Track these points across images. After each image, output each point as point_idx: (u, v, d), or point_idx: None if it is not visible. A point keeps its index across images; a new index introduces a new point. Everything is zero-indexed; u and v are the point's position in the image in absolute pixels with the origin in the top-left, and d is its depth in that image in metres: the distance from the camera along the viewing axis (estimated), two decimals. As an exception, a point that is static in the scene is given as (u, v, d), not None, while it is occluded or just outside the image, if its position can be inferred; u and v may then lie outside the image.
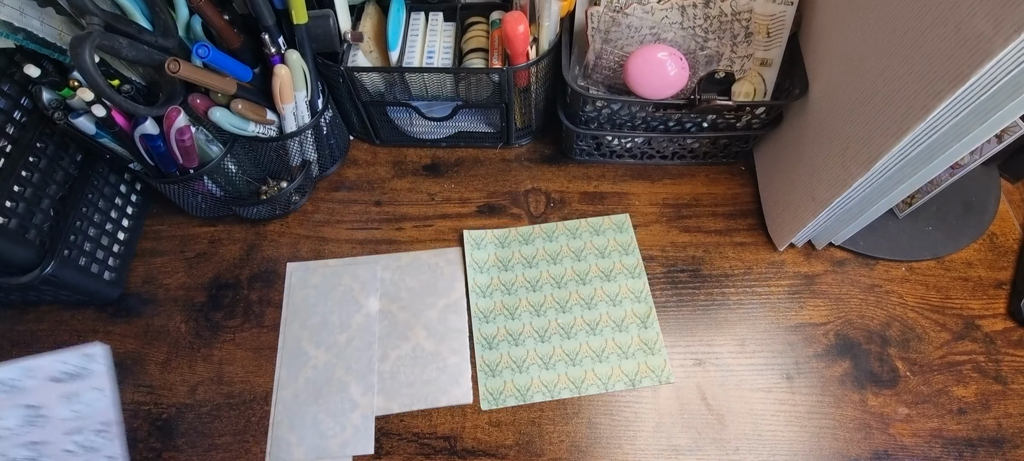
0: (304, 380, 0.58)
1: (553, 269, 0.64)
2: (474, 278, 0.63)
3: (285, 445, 0.55)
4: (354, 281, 0.62)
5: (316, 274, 0.63)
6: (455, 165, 0.72)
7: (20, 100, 0.54)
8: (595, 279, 0.63)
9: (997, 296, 0.62)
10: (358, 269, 0.63)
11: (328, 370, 0.58)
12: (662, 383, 0.57)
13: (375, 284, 0.62)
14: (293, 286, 0.62)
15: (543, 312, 0.61)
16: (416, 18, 0.67)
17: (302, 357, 0.59)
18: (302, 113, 0.61)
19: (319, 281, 0.62)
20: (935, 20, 0.42)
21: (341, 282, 0.62)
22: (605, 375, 0.58)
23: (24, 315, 0.62)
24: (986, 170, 0.68)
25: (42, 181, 0.55)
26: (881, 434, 0.55)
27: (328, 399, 0.57)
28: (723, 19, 0.63)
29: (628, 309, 0.61)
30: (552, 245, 0.65)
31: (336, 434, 0.55)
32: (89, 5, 0.46)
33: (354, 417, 0.56)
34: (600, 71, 0.63)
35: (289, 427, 0.56)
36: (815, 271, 0.64)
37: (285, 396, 0.57)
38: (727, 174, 0.71)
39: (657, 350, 0.59)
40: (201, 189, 0.61)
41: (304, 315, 0.61)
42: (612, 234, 0.66)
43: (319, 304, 0.61)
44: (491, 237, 0.66)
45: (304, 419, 0.56)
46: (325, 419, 0.56)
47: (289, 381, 0.58)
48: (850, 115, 0.52)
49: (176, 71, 0.48)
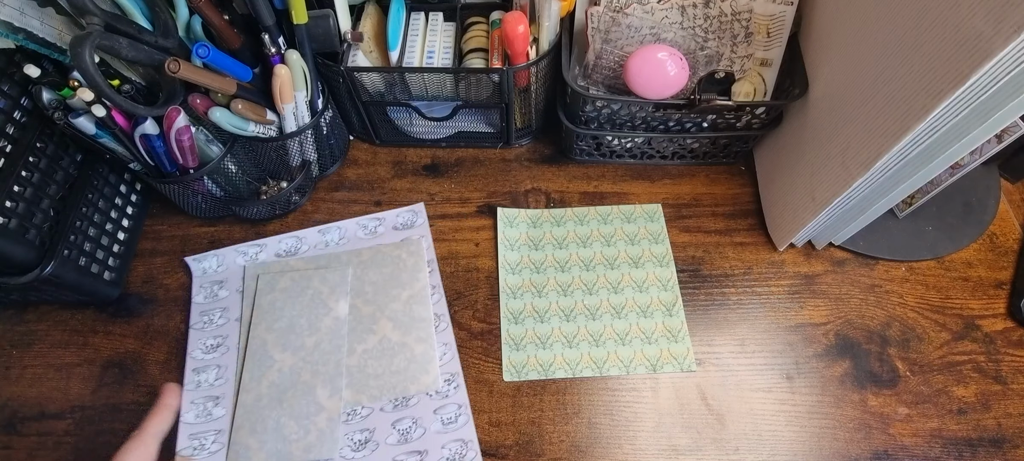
0: (268, 384, 0.57)
1: (583, 252, 0.65)
2: (504, 255, 0.64)
3: (244, 450, 0.54)
4: (323, 284, 0.62)
5: (284, 278, 0.62)
6: (455, 165, 0.72)
7: (20, 100, 0.54)
8: (623, 265, 0.64)
9: (997, 296, 0.62)
10: (327, 273, 0.62)
11: (294, 374, 0.57)
12: (684, 371, 0.58)
13: (345, 288, 0.62)
14: (260, 290, 0.61)
15: (570, 292, 0.62)
16: (416, 18, 0.67)
17: (267, 360, 0.58)
18: (302, 113, 0.61)
19: (287, 285, 0.62)
20: (935, 20, 0.42)
21: (310, 285, 0.62)
22: (627, 358, 0.59)
23: (24, 315, 0.62)
24: (986, 170, 0.68)
25: (42, 181, 0.55)
26: (881, 434, 0.55)
27: (293, 403, 0.56)
28: (723, 19, 0.63)
29: (655, 296, 0.62)
30: (583, 229, 0.67)
31: (299, 438, 0.54)
32: (89, 5, 0.46)
33: (319, 420, 0.55)
34: (600, 71, 0.63)
35: (249, 431, 0.55)
36: (815, 271, 0.64)
37: (247, 400, 0.56)
38: (727, 174, 0.71)
39: (681, 338, 0.60)
40: (201, 189, 0.61)
41: (271, 319, 0.60)
42: (643, 222, 0.67)
43: (287, 308, 0.61)
44: (524, 216, 0.67)
45: (266, 423, 0.55)
46: (288, 423, 0.55)
47: (252, 385, 0.57)
48: (850, 115, 0.52)
49: (176, 71, 0.48)
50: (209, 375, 0.58)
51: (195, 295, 0.62)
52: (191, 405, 0.57)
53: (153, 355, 0.60)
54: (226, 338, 0.60)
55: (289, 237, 0.65)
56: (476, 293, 0.63)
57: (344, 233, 0.66)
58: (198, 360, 0.59)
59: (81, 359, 0.60)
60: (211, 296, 0.62)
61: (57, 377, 0.59)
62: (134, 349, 0.60)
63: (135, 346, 0.60)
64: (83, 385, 0.58)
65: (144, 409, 0.56)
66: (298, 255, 0.64)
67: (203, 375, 0.58)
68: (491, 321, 0.61)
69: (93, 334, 0.61)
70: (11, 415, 0.57)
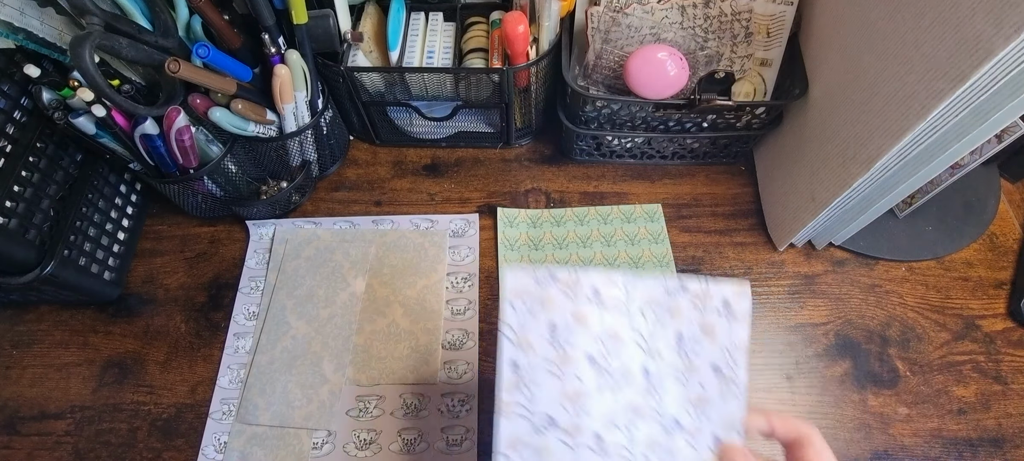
0: (281, 348, 0.58)
1: (583, 252, 0.65)
2: (504, 255, 0.64)
3: (253, 408, 0.55)
4: (345, 258, 0.62)
5: (309, 246, 0.63)
6: (455, 165, 0.72)
7: (20, 100, 0.54)
8: (624, 265, 0.64)
9: (997, 296, 0.62)
10: (351, 247, 0.63)
11: (305, 342, 0.58)
12: None
13: (365, 266, 0.62)
14: (287, 254, 0.62)
15: None
16: (416, 18, 0.67)
17: (284, 326, 0.59)
18: (302, 113, 0.61)
19: (312, 253, 0.63)
20: (935, 20, 0.42)
21: (333, 257, 0.62)
22: None
23: (24, 315, 0.62)
24: (986, 170, 0.68)
25: (42, 181, 0.55)
26: (881, 434, 0.55)
27: (301, 371, 0.57)
28: (723, 19, 0.63)
29: None
30: (583, 229, 0.67)
31: (302, 406, 0.55)
32: (89, 5, 0.46)
33: (321, 392, 0.56)
34: (600, 71, 0.63)
35: (259, 391, 0.56)
36: (815, 271, 0.64)
37: (261, 361, 0.57)
38: (727, 174, 0.71)
39: None
40: (201, 189, 0.61)
41: (292, 285, 0.61)
42: (643, 222, 0.67)
43: (308, 277, 0.61)
44: (524, 216, 0.67)
45: (274, 386, 0.56)
46: (294, 390, 0.56)
47: (268, 347, 0.58)
48: (850, 115, 0.52)
49: (176, 71, 0.48)
50: (246, 342, 0.59)
51: (248, 259, 0.64)
52: (227, 370, 0.58)
53: (153, 355, 0.60)
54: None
55: (342, 220, 0.66)
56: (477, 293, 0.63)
57: (396, 225, 0.67)
58: (239, 326, 0.60)
59: (81, 359, 0.60)
60: (262, 263, 0.63)
61: (57, 377, 0.59)
62: (134, 349, 0.60)
63: (135, 346, 0.60)
64: (83, 385, 0.58)
65: (144, 409, 0.57)
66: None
67: (241, 341, 0.60)
68: (491, 321, 0.61)
69: (93, 334, 0.61)
70: (11, 415, 0.57)
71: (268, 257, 0.63)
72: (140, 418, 0.57)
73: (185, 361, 0.59)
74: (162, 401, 0.57)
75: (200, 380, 0.58)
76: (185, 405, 0.57)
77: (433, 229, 0.66)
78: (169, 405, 0.57)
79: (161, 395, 0.58)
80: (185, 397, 0.58)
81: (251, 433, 0.55)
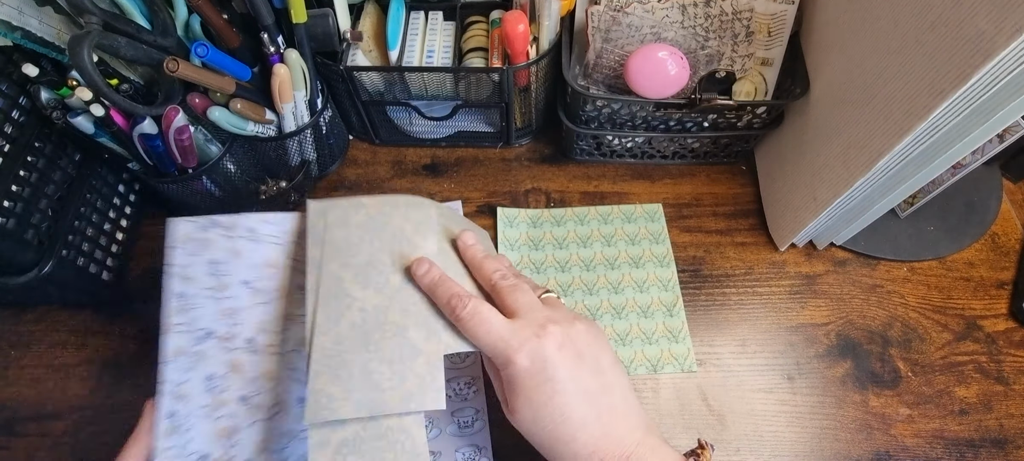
0: (348, 324, 0.47)
1: (583, 252, 0.65)
2: (504, 254, 0.64)
3: (327, 400, 0.43)
4: (406, 221, 0.52)
5: (359, 213, 0.52)
6: (455, 165, 0.72)
7: (18, 99, 0.53)
8: (624, 265, 0.64)
9: (999, 296, 0.62)
10: (409, 210, 0.52)
11: (380, 313, 0.47)
12: (685, 371, 0.58)
13: (431, 226, 0.52)
14: (330, 225, 0.51)
15: (570, 292, 0.62)
16: (416, 17, 0.67)
17: (345, 299, 0.47)
18: (301, 112, 0.61)
19: (363, 220, 0.51)
20: (936, 19, 0.42)
21: (391, 222, 0.52)
22: (628, 358, 0.58)
23: (22, 315, 0.62)
24: (988, 170, 0.68)
25: (40, 181, 0.55)
26: (883, 435, 0.55)
27: (382, 346, 0.46)
28: (724, 18, 0.62)
29: (655, 296, 0.62)
30: (583, 229, 0.66)
31: (395, 386, 0.45)
32: (87, 4, 0.46)
33: (416, 365, 0.45)
34: (600, 70, 0.63)
35: (331, 379, 0.44)
36: (816, 271, 0.64)
37: (324, 344, 0.45)
38: (728, 174, 0.71)
39: (681, 338, 0.59)
40: (200, 189, 0.61)
41: (346, 255, 0.50)
42: (643, 222, 0.67)
43: (364, 243, 0.50)
44: (523, 216, 0.67)
45: (351, 369, 0.45)
46: (380, 368, 0.45)
47: (329, 325, 0.46)
48: (851, 115, 0.52)
49: (175, 70, 0.48)
50: None
51: None
52: None
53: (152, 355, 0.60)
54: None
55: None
56: (476, 293, 0.63)
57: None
58: None
59: (79, 359, 0.59)
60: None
61: (55, 377, 0.59)
62: (133, 349, 0.60)
63: (134, 347, 0.60)
64: (81, 385, 0.58)
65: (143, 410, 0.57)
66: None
67: None
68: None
69: (91, 335, 0.61)
70: (9, 416, 0.57)
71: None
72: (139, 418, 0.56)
73: (184, 361, 0.59)
74: (161, 401, 0.57)
75: (199, 380, 0.58)
76: (184, 405, 0.57)
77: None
78: (168, 405, 0.57)
79: (160, 395, 0.58)
80: (184, 397, 0.57)
81: (338, 440, 0.43)
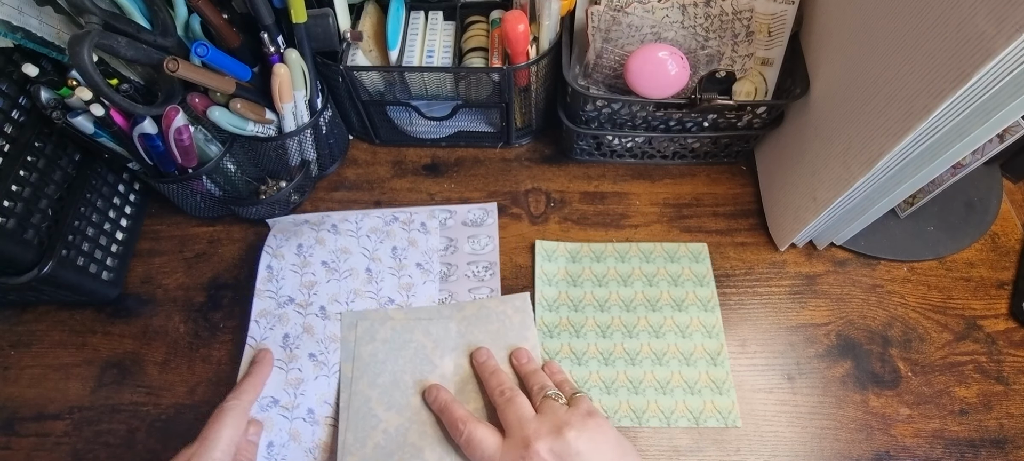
0: (373, 446, 0.51)
1: (623, 291, 0.61)
2: (542, 290, 0.61)
3: None
4: (426, 337, 0.57)
5: (384, 327, 0.57)
6: (455, 165, 0.72)
7: (18, 99, 0.53)
8: (666, 307, 0.60)
9: (999, 296, 0.62)
10: (430, 325, 0.58)
11: (400, 434, 0.52)
12: (728, 425, 0.55)
13: (450, 342, 0.56)
14: (359, 338, 0.57)
15: (609, 334, 0.59)
16: (416, 17, 0.67)
17: (372, 420, 0.52)
18: (301, 112, 0.61)
19: (388, 335, 0.57)
20: (936, 19, 0.42)
21: (413, 338, 0.57)
22: (668, 409, 0.55)
23: (22, 315, 0.62)
24: (988, 170, 0.68)
25: (40, 181, 0.55)
26: (883, 435, 0.55)
27: None
28: (724, 18, 0.62)
29: (698, 343, 0.58)
30: (624, 266, 0.63)
31: None
32: (87, 4, 0.46)
33: None
34: (600, 70, 0.63)
35: None
36: (816, 271, 0.64)
37: None
38: (728, 174, 0.71)
39: (726, 390, 0.56)
40: (200, 189, 0.61)
41: (373, 373, 0.54)
42: (687, 262, 0.63)
43: (389, 362, 0.55)
44: (562, 250, 0.64)
45: None
46: None
47: (356, 447, 0.51)
48: (851, 115, 0.52)
49: (175, 70, 0.48)
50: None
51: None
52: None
53: (152, 355, 0.60)
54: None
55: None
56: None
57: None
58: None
59: (80, 359, 0.60)
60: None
61: (55, 377, 0.59)
62: (133, 349, 0.60)
63: (134, 346, 0.60)
64: (82, 385, 0.58)
65: (143, 410, 0.57)
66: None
67: None
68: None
69: (91, 334, 0.61)
70: (9, 416, 0.57)
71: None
72: (139, 419, 0.57)
73: (184, 362, 0.59)
74: (161, 402, 0.57)
75: (199, 381, 0.58)
76: (184, 406, 0.57)
77: (511, 298, 0.60)
78: (168, 406, 0.57)
79: (160, 396, 0.58)
80: (184, 398, 0.57)
81: None
